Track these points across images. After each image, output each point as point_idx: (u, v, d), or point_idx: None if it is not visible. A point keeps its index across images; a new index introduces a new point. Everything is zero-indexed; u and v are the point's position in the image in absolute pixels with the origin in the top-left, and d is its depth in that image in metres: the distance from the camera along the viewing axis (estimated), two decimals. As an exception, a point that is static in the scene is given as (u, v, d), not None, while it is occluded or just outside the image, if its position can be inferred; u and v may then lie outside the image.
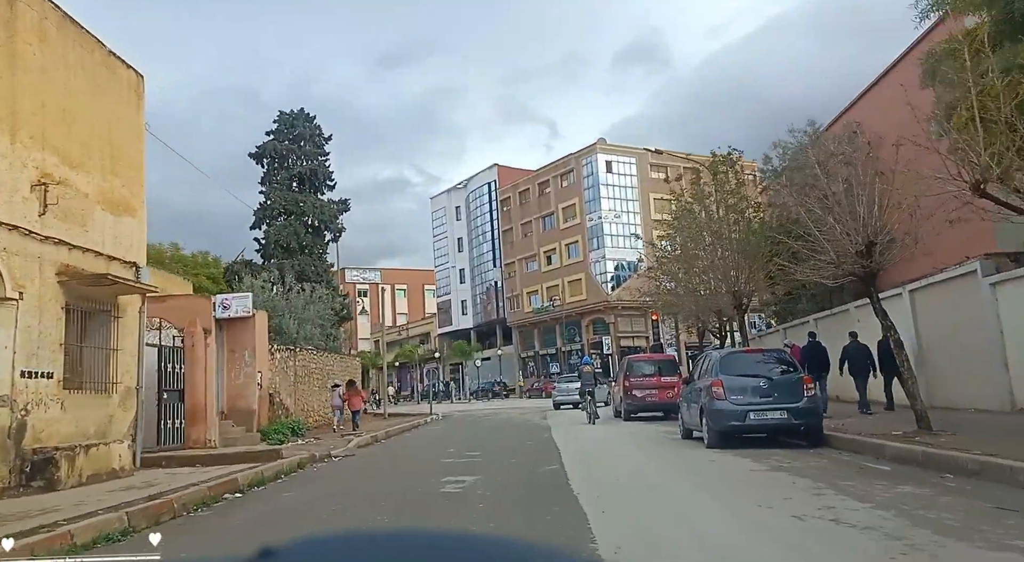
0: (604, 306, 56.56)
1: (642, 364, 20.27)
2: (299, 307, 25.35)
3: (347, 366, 27.60)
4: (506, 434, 17.17)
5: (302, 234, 29.46)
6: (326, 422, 24.90)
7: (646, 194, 58.74)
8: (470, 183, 72.32)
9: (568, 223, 60.40)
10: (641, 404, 19.62)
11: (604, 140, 58.60)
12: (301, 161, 30.43)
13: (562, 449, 12.15)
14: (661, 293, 25.28)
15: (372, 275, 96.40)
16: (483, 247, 69.80)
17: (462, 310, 72.63)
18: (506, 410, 32.14)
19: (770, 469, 8.96)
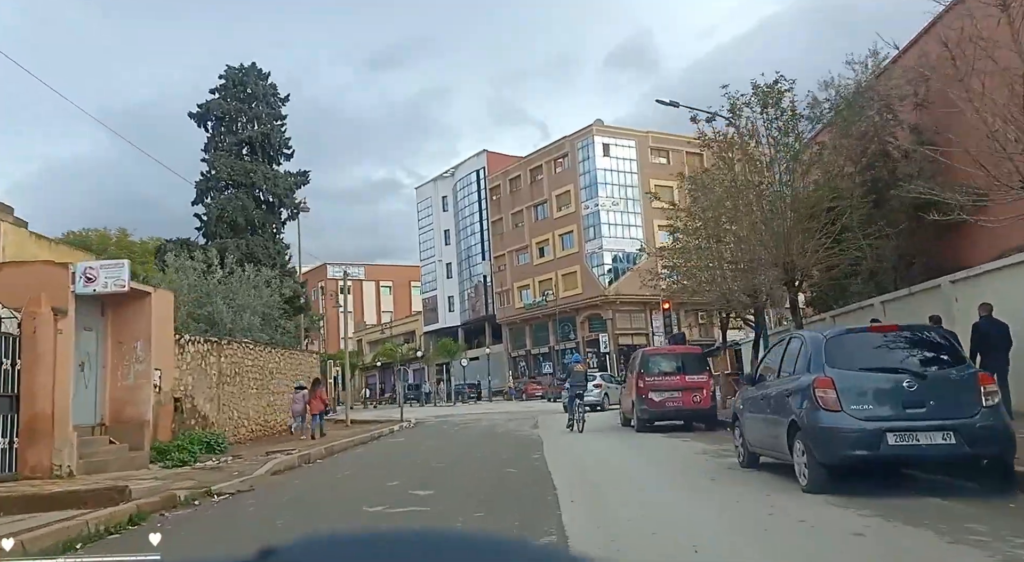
0: (601, 301, 52.20)
1: (661, 359, 15.86)
2: (236, 292, 20.83)
3: (299, 364, 23.08)
4: (481, 453, 12.72)
5: (251, 209, 24.93)
6: (274, 431, 20.44)
7: (647, 180, 54.37)
8: (458, 171, 67.84)
9: (562, 212, 56.02)
10: (660, 411, 15.24)
11: (601, 121, 54.28)
12: (252, 125, 25.90)
13: (561, 488, 7.67)
14: (679, 271, 20.84)
15: (355, 271, 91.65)
16: (471, 240, 65.34)
17: (449, 307, 68.14)
18: (491, 415, 27.71)
19: (951, 543, 4.64)
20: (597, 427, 19.00)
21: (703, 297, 21.26)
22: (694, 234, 18.49)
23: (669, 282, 22.65)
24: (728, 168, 14.94)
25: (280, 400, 21.32)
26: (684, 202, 22.99)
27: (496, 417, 26.42)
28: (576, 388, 17.48)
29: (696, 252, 18.48)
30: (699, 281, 19.89)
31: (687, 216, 18.67)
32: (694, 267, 20.58)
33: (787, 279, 13.68)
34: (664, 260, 22.46)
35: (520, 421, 22.99)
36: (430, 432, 20.23)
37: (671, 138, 56.12)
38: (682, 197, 22.66)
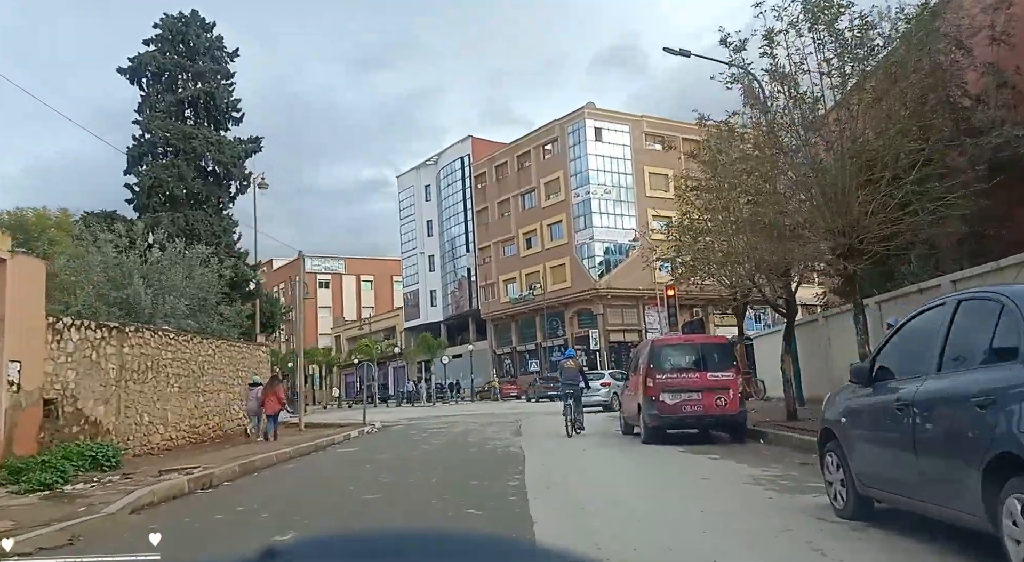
0: (592, 295, 48.98)
1: (675, 351, 12.56)
2: (165, 272, 17.40)
3: (243, 358, 19.66)
4: (440, 476, 9.39)
5: (191, 179, 21.40)
6: (206, 437, 17.05)
7: (640, 167, 51.31)
8: (441, 158, 64.39)
9: (551, 200, 52.75)
10: (674, 417, 11.99)
11: (593, 104, 51.02)
12: (194, 83, 22.36)
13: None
14: (691, 250, 17.61)
15: (335, 264, 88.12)
16: (455, 230, 61.96)
17: (431, 301, 64.73)
18: (469, 418, 24.40)
19: None
20: (598, 431, 15.78)
21: (718, 280, 18.03)
22: (710, 205, 15.20)
23: (678, 263, 19.32)
24: (762, 111, 11.68)
25: (214, 401, 17.89)
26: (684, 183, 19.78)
27: (475, 420, 23.12)
28: (569, 386, 14.95)
29: (714, 225, 15.19)
30: (713, 262, 16.64)
31: (707, 179, 15.34)
32: (706, 248, 17.36)
33: (844, 246, 10.42)
34: (671, 239, 19.13)
35: (500, 426, 19.70)
36: (391, 440, 16.87)
37: (667, 124, 53.04)
38: (687, 170, 19.32)
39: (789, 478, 7.33)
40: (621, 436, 14.42)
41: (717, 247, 14.33)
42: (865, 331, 10.78)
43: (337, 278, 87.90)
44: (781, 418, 13.74)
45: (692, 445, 11.68)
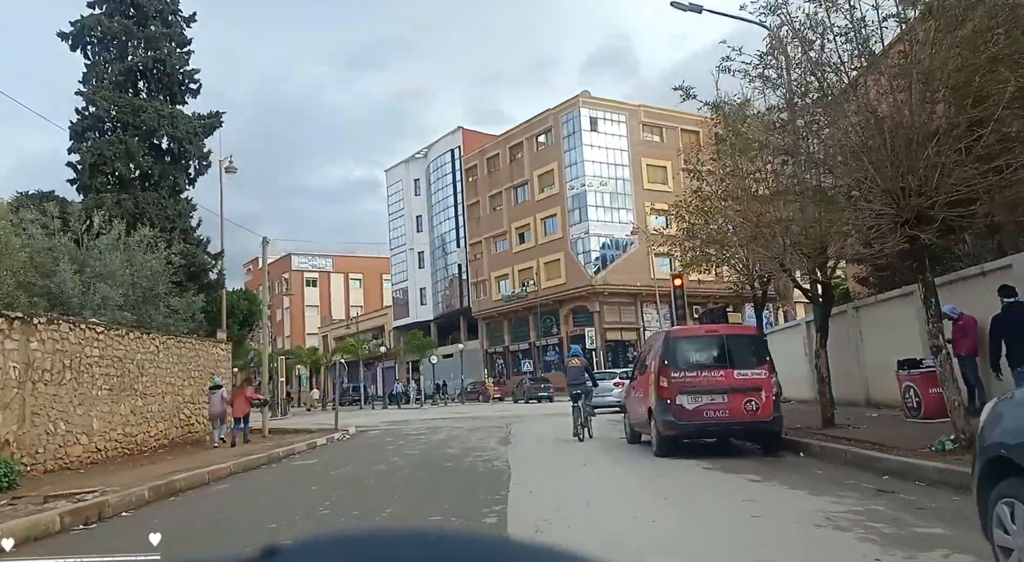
0: (587, 292, 46.82)
1: (695, 345, 10.33)
2: (101, 258, 15.15)
3: (194, 356, 17.40)
4: (400, 506, 7.15)
5: (140, 156, 19.07)
6: (147, 447, 14.83)
7: (638, 159, 49.18)
8: (431, 151, 62.13)
9: (545, 193, 50.55)
10: (694, 424, 9.80)
11: (588, 93, 48.86)
12: (145, 50, 20.00)
13: None
14: (706, 232, 15.47)
15: (323, 262, 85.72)
16: (445, 226, 59.70)
17: (421, 299, 62.44)
18: (456, 422, 22.19)
19: None
20: (601, 437, 13.62)
21: (733, 266, 15.89)
22: (736, 170, 12.99)
23: (687, 248, 17.14)
24: (803, 49, 9.46)
25: (158, 405, 15.63)
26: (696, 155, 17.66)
27: (461, 424, 20.91)
28: (576, 386, 13.70)
29: (738, 194, 12.98)
30: (732, 244, 14.47)
31: (729, 141, 13.11)
32: (720, 230, 15.22)
33: (912, 211, 8.22)
34: (680, 219, 16.93)
35: (487, 431, 17.50)
36: (359, 450, 14.62)
37: (666, 113, 50.89)
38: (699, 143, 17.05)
39: (879, 517, 5.14)
40: (627, 445, 12.24)
41: (747, 218, 12.08)
42: (938, 317, 8.59)
43: (325, 276, 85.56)
44: (814, 424, 11.59)
45: (716, 459, 9.49)
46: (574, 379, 13.77)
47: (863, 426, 11.35)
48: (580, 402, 13.34)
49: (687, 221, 16.37)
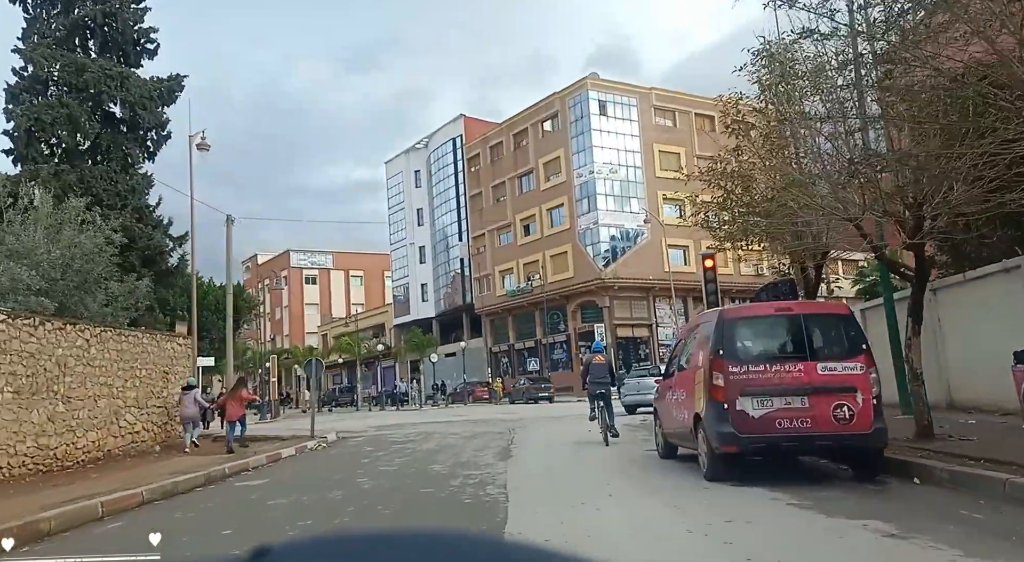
0: (596, 286, 44.09)
1: (762, 327, 7.58)
2: (15, 234, 12.57)
3: (139, 353, 14.78)
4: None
5: (86, 123, 16.47)
6: (73, 461, 12.27)
7: (649, 145, 46.41)
8: (432, 140, 59.51)
9: (551, 182, 47.85)
10: (765, 436, 7.07)
11: (596, 74, 46.13)
12: (92, 2, 17.32)
13: None
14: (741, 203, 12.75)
15: (322, 259, 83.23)
16: (447, 218, 57.06)
17: (422, 296, 59.82)
18: (452, 426, 19.57)
19: None
20: (624, 452, 10.90)
21: (780, 241, 13.19)
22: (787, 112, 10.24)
23: (722, 221, 14.44)
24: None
25: (89, 410, 12.99)
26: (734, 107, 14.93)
27: (457, 429, 18.29)
28: (598, 386, 12.55)
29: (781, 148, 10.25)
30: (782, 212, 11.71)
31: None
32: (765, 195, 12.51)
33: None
34: (714, 187, 14.17)
35: (486, 439, 14.84)
36: (326, 466, 11.96)
37: (679, 97, 48.23)
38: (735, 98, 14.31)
39: None
40: (660, 461, 9.55)
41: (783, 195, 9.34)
42: None
43: (325, 273, 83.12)
44: (904, 434, 8.89)
45: (793, 486, 6.80)
46: (598, 378, 12.49)
47: (973, 438, 8.63)
48: (602, 403, 12.20)
49: (723, 188, 13.60)
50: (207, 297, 32.29)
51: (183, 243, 18.76)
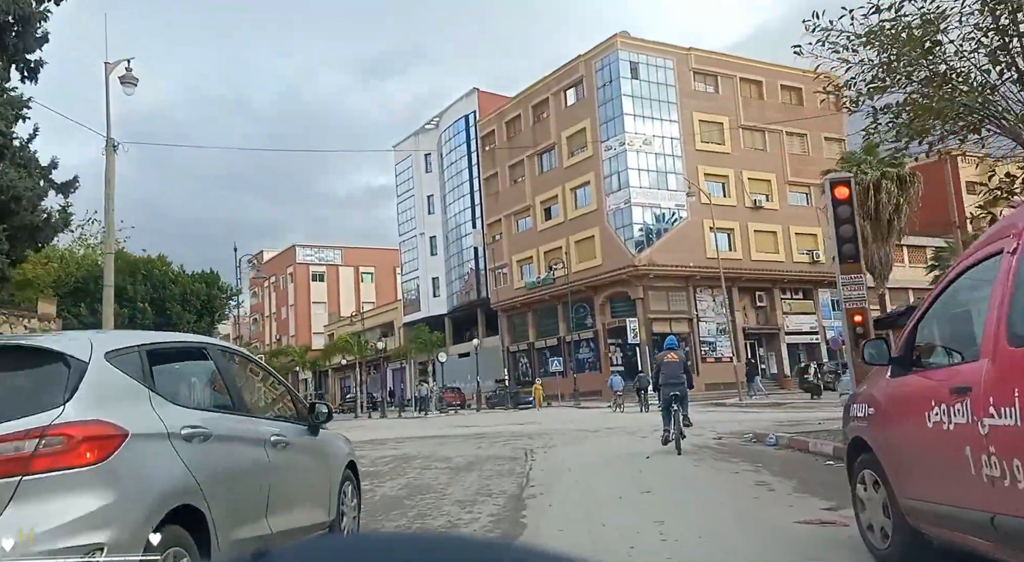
0: (629, 274, 38.34)
1: None
2: None
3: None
4: None
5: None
6: None
7: (688, 113, 40.61)
8: (443, 119, 54.16)
9: (575, 158, 42.23)
10: None
11: (627, 33, 40.43)
12: None
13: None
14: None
15: (331, 254, 78.31)
16: (459, 204, 51.67)
17: (433, 291, 54.44)
18: (451, 445, 14.05)
19: None
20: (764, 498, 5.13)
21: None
22: None
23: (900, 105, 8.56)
24: None
25: None
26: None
27: (449, 451, 12.77)
28: (672, 387, 10.64)
29: None
30: None
31: None
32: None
33: None
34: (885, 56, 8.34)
35: (490, 467, 9.35)
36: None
37: (721, 59, 42.40)
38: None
39: None
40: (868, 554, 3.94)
41: None
42: None
43: (333, 270, 78.15)
44: None
45: None
46: (671, 378, 10.97)
47: None
48: (676, 406, 10.59)
49: (890, 51, 7.86)
50: (146, 277, 27.05)
51: (67, 191, 13.47)
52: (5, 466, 2.68)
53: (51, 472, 2.73)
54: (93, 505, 2.75)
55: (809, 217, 41.62)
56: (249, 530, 3.67)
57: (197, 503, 3.17)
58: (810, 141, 43.87)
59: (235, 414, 3.95)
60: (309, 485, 4.59)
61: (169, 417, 3.26)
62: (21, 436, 2.72)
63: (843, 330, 9.28)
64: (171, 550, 2.96)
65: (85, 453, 2.79)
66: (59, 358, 3.02)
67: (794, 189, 43.07)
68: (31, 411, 2.80)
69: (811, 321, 43.17)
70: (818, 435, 10.85)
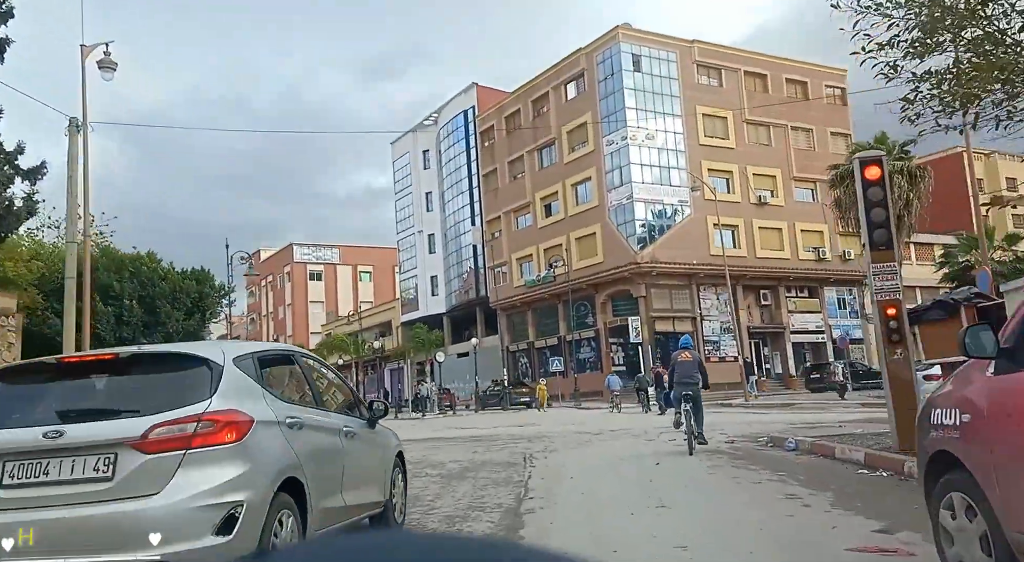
0: (631, 272, 37.45)
1: None
2: None
3: None
4: None
5: None
6: None
7: (692, 107, 39.72)
8: (442, 115, 53.26)
9: (576, 153, 41.35)
10: None
11: (628, 25, 39.53)
12: None
13: None
14: None
15: (328, 253, 77.40)
16: (458, 202, 50.77)
17: (432, 289, 53.55)
18: (440, 452, 13.21)
19: None
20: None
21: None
22: None
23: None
24: None
25: None
26: None
27: (442, 456, 11.91)
28: (685, 386, 10.59)
29: None
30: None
31: None
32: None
33: None
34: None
35: (493, 471, 8.59)
36: None
37: (726, 52, 41.53)
38: None
39: None
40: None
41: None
42: None
43: (331, 269, 77.20)
44: None
45: None
46: (685, 377, 10.81)
47: None
48: (689, 406, 10.41)
49: (932, 10, 6.97)
50: (134, 274, 26.20)
51: (36, 179, 12.59)
52: (175, 442, 3.45)
53: (204, 448, 3.49)
54: (234, 473, 3.52)
55: (815, 214, 40.74)
56: (331, 501, 4.42)
57: (299, 476, 3.92)
58: (816, 136, 43.01)
59: (316, 408, 4.72)
60: (370, 469, 5.39)
61: (275, 409, 4.02)
62: (185, 420, 3.49)
63: (875, 325, 8.39)
64: (283, 510, 3.76)
65: (227, 434, 3.56)
66: (204, 362, 3.79)
67: (800, 185, 42.18)
68: (188, 402, 3.57)
69: (817, 320, 42.27)
70: (842, 439, 9.97)
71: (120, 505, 3.36)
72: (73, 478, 3.41)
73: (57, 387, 3.95)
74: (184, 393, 3.67)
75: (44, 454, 3.44)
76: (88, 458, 3.43)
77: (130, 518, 3.34)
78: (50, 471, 3.43)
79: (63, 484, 3.41)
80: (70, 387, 3.93)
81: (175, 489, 3.37)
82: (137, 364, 4.03)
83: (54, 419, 3.58)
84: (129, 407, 3.71)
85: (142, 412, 3.58)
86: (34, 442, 3.43)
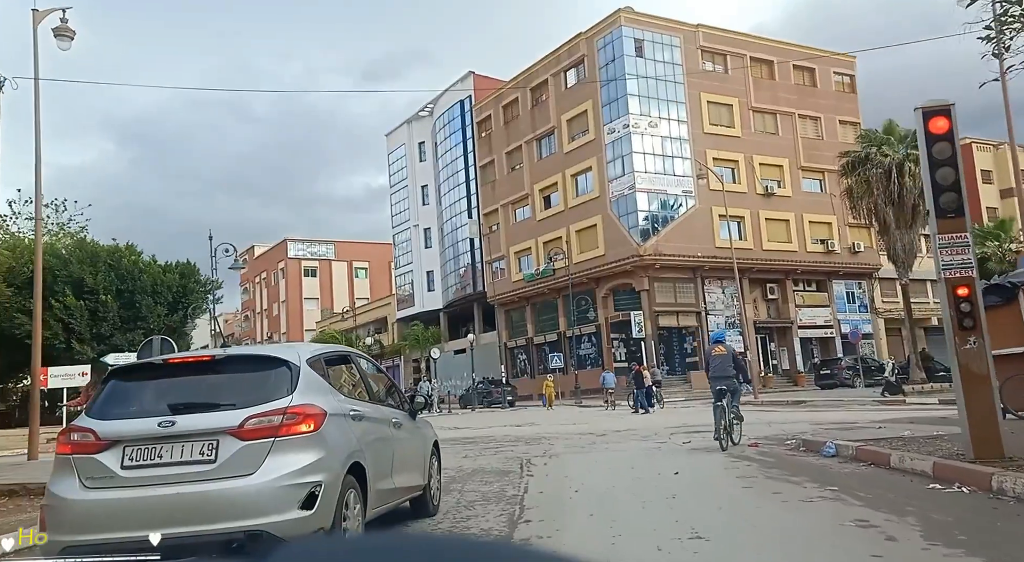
0: (633, 265, 36.01)
1: None
2: None
3: None
4: None
5: None
6: None
7: (696, 94, 38.28)
8: (437, 105, 51.76)
9: (576, 142, 39.88)
10: None
11: (631, 8, 38.00)
12: None
13: None
14: None
15: (323, 249, 75.89)
16: (455, 194, 49.30)
17: (428, 284, 52.13)
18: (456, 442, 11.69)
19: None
20: None
21: None
22: None
23: None
24: None
25: None
26: None
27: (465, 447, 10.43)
28: (720, 382, 10.12)
29: None
30: None
31: None
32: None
33: None
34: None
35: (484, 482, 7.20)
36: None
37: (731, 37, 40.10)
38: None
39: None
40: None
41: None
42: None
43: (326, 265, 75.72)
44: None
45: None
46: (719, 372, 10.16)
47: None
48: (724, 401, 9.84)
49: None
50: (112, 267, 24.82)
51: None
52: (266, 431, 4.10)
53: (289, 436, 4.14)
54: (313, 457, 4.18)
55: (823, 205, 39.34)
56: (384, 484, 5.12)
57: (362, 460, 4.63)
58: (824, 124, 41.54)
59: (370, 402, 5.44)
60: (413, 456, 5.98)
61: (340, 402, 4.74)
62: (273, 413, 4.16)
63: (943, 306, 6.94)
64: (350, 490, 4.45)
65: (306, 424, 4.21)
66: (284, 363, 4.49)
67: (808, 175, 40.73)
68: (274, 397, 4.26)
69: (825, 314, 40.85)
70: (891, 444, 8.55)
71: (222, 483, 3.93)
72: (183, 460, 3.99)
73: (165, 383, 4.50)
74: (270, 389, 4.29)
75: (159, 440, 4.00)
76: (195, 444, 4.02)
77: (231, 494, 3.91)
78: (163, 455, 4.00)
79: (173, 465, 3.98)
80: (176, 383, 4.48)
81: (267, 470, 3.97)
82: (230, 364, 4.62)
83: (166, 411, 4.10)
84: (226, 401, 4.26)
85: (237, 405, 4.18)
86: (151, 430, 4.01)
